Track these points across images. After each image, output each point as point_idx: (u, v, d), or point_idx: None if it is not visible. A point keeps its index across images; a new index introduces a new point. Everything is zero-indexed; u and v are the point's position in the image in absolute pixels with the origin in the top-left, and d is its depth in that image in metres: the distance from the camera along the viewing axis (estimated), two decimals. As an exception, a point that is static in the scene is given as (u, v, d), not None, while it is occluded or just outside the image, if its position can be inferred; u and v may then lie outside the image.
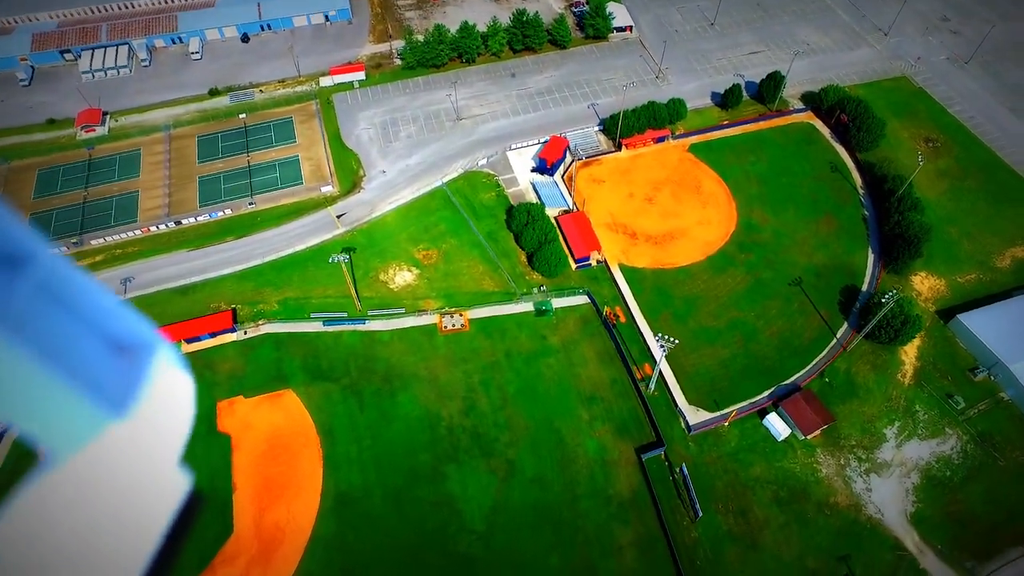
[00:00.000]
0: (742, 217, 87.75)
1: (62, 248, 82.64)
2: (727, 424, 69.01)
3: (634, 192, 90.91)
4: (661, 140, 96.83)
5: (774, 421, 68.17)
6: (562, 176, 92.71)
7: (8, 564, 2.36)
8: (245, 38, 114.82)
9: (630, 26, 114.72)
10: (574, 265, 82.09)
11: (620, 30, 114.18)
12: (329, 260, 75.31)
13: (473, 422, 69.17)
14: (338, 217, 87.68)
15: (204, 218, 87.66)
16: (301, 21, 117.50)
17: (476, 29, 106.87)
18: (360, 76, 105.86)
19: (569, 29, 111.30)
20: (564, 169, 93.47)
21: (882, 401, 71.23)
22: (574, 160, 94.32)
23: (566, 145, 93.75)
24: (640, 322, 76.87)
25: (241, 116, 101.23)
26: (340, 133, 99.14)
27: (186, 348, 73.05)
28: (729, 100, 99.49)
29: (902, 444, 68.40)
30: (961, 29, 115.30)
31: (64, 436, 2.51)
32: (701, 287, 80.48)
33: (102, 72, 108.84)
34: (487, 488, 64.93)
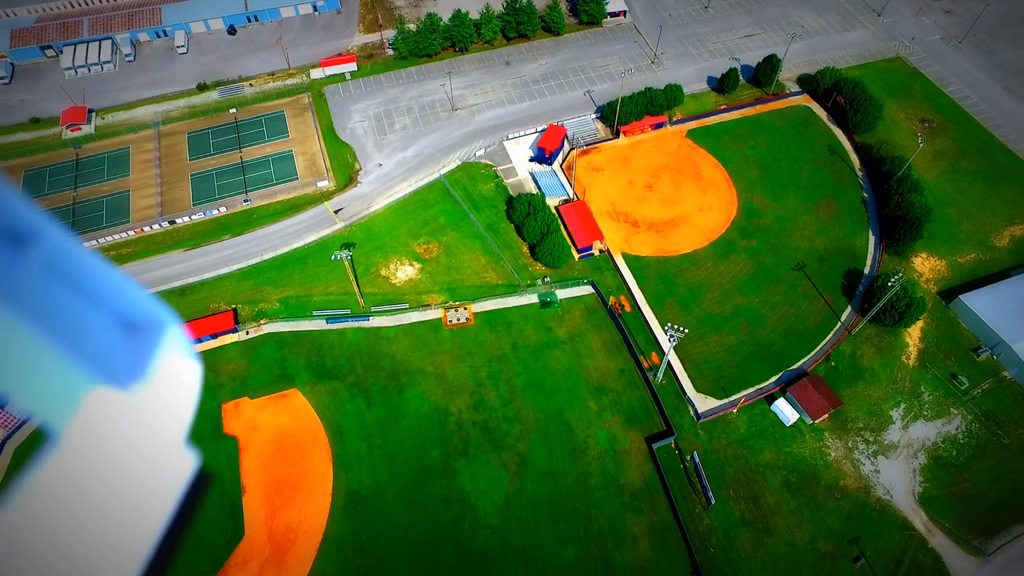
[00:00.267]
0: (743, 202, 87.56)
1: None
2: (736, 411, 69.24)
3: (634, 180, 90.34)
4: (659, 126, 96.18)
5: (782, 407, 68.48)
6: (561, 165, 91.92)
7: (18, 541, 2.38)
8: (232, 30, 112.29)
9: (624, 11, 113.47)
10: (577, 255, 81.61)
11: (614, 15, 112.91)
12: (332, 258, 74.23)
13: (482, 416, 68.86)
14: (336, 212, 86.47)
15: (199, 217, 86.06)
16: (289, 12, 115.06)
17: (469, 17, 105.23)
18: (352, 67, 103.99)
19: (563, 15, 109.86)
20: (563, 158, 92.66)
21: (887, 383, 71.75)
22: (572, 148, 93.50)
23: (564, 134, 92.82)
24: (646, 311, 76.69)
25: (231, 111, 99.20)
26: (334, 126, 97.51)
27: (188, 350, 71.78)
28: (726, 84, 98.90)
29: (908, 425, 69.01)
30: (954, 8, 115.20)
31: (64, 411, 2.51)
32: (705, 274, 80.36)
33: (85, 68, 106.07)
34: (499, 482, 64.78)
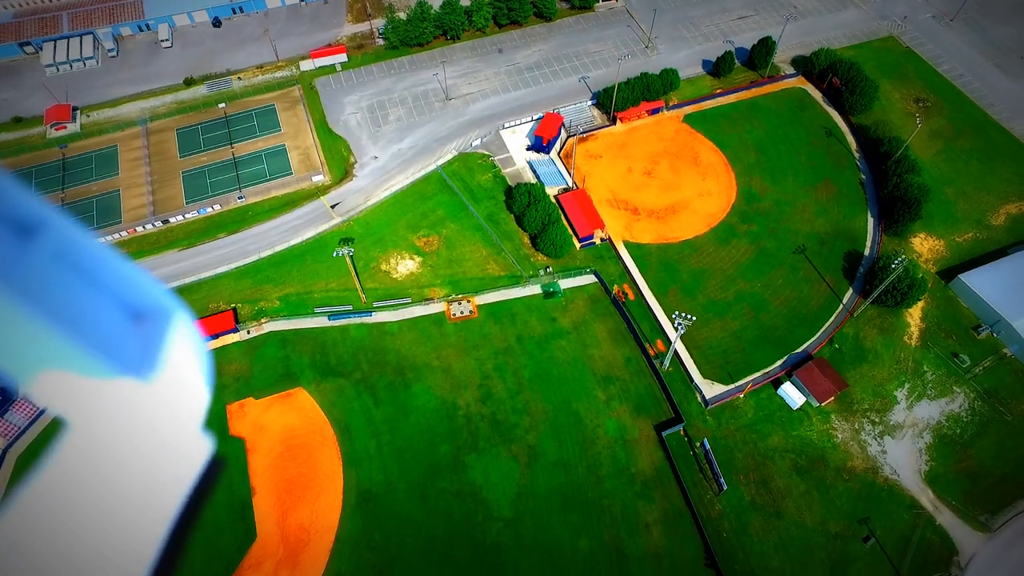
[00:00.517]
0: (742, 187, 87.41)
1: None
2: (743, 396, 69.50)
3: (632, 166, 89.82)
4: (655, 112, 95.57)
5: (789, 390, 68.83)
6: (558, 153, 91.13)
7: (34, 528, 2.41)
8: (217, 22, 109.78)
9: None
10: (578, 244, 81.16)
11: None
12: (334, 255, 73.23)
13: (491, 409, 68.59)
14: (332, 207, 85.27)
15: (193, 215, 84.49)
16: (274, 2, 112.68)
17: (459, 4, 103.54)
18: (342, 58, 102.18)
19: (554, 0, 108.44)
20: (560, 146, 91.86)
21: (891, 364, 72.30)
22: (569, 136, 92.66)
23: (561, 121, 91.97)
24: (649, 299, 76.55)
25: (221, 106, 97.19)
26: (326, 119, 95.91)
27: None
28: (722, 68, 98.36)
29: (912, 405, 69.67)
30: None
31: (89, 406, 2.52)
32: (707, 260, 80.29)
33: (67, 65, 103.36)
34: (510, 475, 64.68)
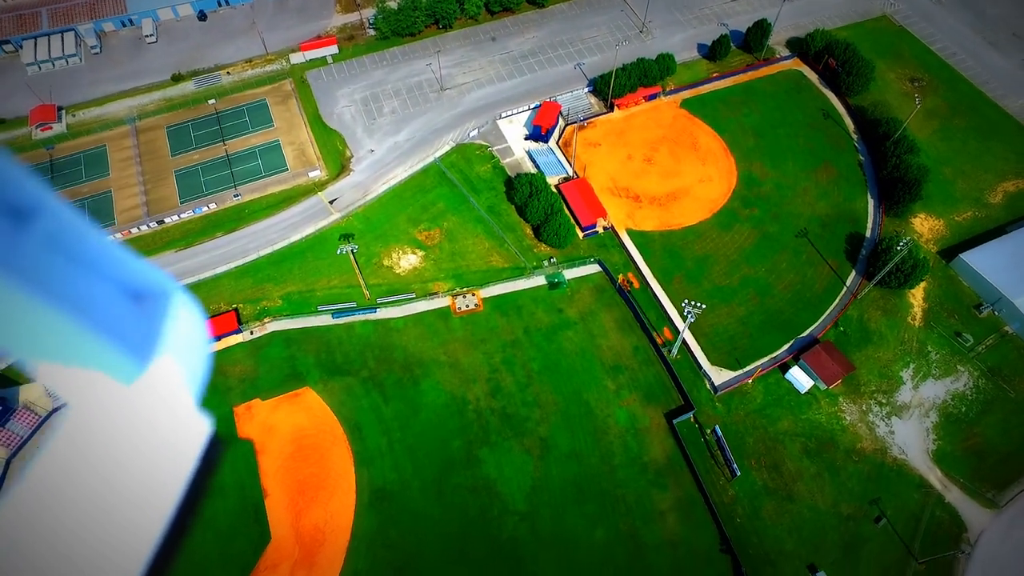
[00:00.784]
0: (742, 171, 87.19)
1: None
2: (751, 381, 69.75)
3: (632, 153, 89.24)
4: (653, 97, 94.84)
5: (797, 374, 69.15)
6: (557, 142, 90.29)
7: (41, 508, 2.43)
8: (202, 16, 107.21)
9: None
10: (581, 234, 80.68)
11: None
12: (338, 252, 72.24)
13: (501, 403, 68.32)
14: (331, 202, 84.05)
15: (188, 215, 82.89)
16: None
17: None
18: (333, 50, 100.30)
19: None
20: (558, 134, 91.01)
21: (896, 345, 72.82)
22: (567, 124, 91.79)
23: (559, 110, 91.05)
24: (655, 287, 76.39)
25: (211, 102, 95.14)
26: (320, 113, 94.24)
27: (192, 354, 69.69)
28: (717, 51, 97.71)
29: (918, 385, 70.31)
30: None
31: (93, 387, 2.53)
32: (710, 246, 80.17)
33: (49, 63, 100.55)
34: (524, 468, 64.58)
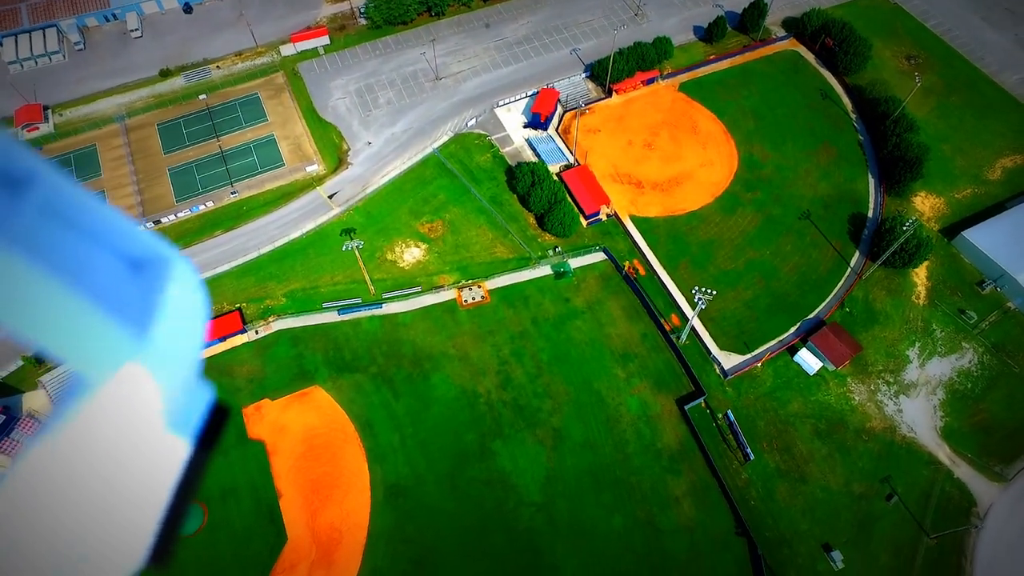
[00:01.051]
0: (743, 154, 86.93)
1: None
2: (760, 365, 70.01)
3: (632, 139, 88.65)
4: (650, 82, 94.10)
5: (805, 356, 69.48)
6: (556, 129, 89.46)
7: (52, 473, 2.47)
8: (188, 8, 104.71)
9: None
10: (585, 222, 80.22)
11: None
12: (343, 248, 71.35)
13: (512, 395, 68.13)
14: (330, 197, 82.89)
15: (185, 214, 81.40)
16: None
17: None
18: (324, 41, 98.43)
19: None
20: (557, 121, 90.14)
21: (901, 324, 73.31)
22: (566, 111, 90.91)
23: (557, 96, 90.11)
24: (661, 273, 76.23)
25: (201, 97, 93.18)
26: (314, 106, 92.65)
27: (197, 356, 68.80)
28: (714, 33, 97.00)
29: (924, 363, 70.90)
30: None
31: (96, 358, 2.52)
32: (714, 230, 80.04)
33: (32, 61, 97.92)
34: (538, 459, 64.56)
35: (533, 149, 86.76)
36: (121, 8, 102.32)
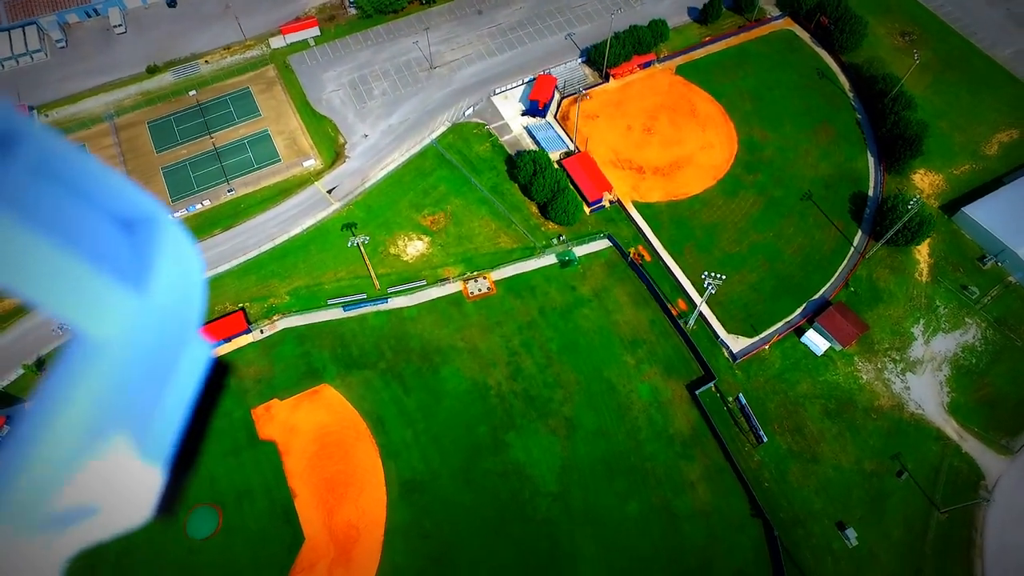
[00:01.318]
0: (742, 136, 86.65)
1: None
2: (768, 347, 70.31)
3: (631, 124, 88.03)
4: (647, 65, 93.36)
5: (812, 337, 69.85)
6: (555, 116, 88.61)
7: (55, 424, 2.50)
8: (172, 2, 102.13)
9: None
10: (588, 209, 79.77)
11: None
12: (348, 244, 70.46)
13: (523, 385, 67.99)
14: (329, 192, 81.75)
15: (182, 213, 79.85)
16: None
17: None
18: (315, 32, 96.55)
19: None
20: (555, 108, 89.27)
21: (905, 302, 73.83)
22: (563, 97, 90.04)
23: (555, 83, 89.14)
24: (666, 258, 76.11)
25: (191, 93, 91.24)
26: (307, 99, 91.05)
27: (203, 358, 67.97)
28: (709, 14, 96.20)
29: (929, 340, 71.54)
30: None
31: (94, 315, 2.52)
32: (717, 214, 79.92)
33: (12, 60, 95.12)
34: (551, 449, 64.62)
35: (533, 137, 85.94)
36: (103, 3, 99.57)
